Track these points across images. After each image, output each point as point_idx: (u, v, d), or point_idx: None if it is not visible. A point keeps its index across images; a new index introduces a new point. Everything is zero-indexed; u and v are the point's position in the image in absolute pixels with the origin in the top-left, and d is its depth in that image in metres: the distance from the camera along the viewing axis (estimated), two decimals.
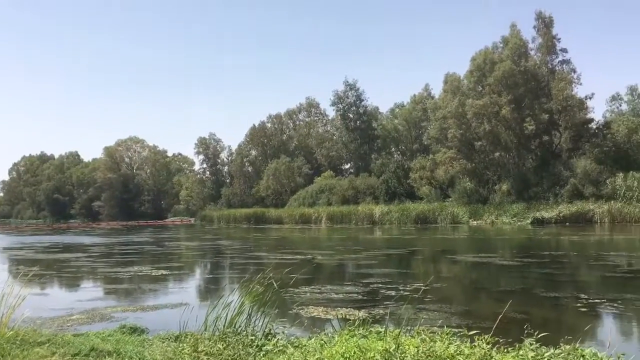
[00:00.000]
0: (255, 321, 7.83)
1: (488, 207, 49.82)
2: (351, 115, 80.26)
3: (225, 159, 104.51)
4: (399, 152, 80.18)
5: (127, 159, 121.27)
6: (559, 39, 53.63)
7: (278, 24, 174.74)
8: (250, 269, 19.07)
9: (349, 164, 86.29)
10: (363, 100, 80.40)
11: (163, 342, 7.51)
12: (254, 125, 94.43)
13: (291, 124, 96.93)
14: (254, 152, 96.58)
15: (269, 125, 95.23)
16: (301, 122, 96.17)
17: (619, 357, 5.26)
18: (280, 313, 10.90)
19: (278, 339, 6.76)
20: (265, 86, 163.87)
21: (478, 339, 5.85)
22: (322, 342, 6.52)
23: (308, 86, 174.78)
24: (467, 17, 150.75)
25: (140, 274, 19.25)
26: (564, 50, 54.01)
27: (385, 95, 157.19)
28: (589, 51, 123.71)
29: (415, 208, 53.41)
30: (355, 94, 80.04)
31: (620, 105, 74.47)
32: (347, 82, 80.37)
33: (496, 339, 6.06)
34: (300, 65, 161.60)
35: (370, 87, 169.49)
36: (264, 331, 7.34)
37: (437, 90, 71.52)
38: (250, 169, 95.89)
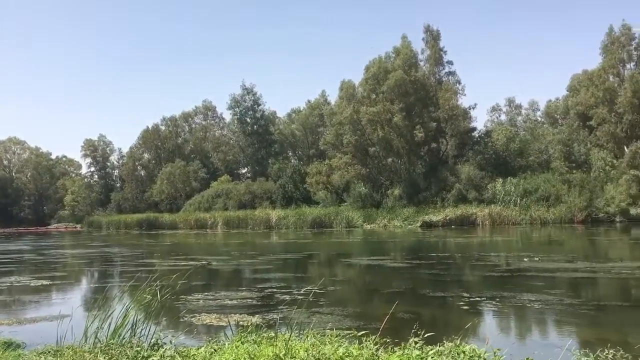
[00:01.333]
0: (141, 331, 7.48)
1: (381, 211, 51.50)
2: (248, 120, 79.86)
3: (115, 162, 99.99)
4: (295, 157, 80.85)
5: (5, 162, 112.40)
6: (445, 51, 56.84)
7: (179, 23, 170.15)
8: (140, 277, 18.29)
9: (246, 169, 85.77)
10: (260, 104, 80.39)
11: (40, 357, 6.97)
12: (148, 127, 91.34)
13: (187, 127, 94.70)
14: (147, 156, 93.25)
15: (163, 127, 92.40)
16: (197, 126, 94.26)
17: (495, 353, 5.58)
18: (171, 322, 10.53)
19: (165, 350, 6.49)
20: (159, 88, 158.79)
21: (366, 340, 5.98)
22: (212, 350, 6.35)
23: (205, 89, 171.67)
24: (363, 25, 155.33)
25: (17, 284, 17.84)
26: (450, 63, 57.33)
27: (283, 100, 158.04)
28: (472, 64, 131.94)
29: (312, 212, 54.07)
30: (252, 98, 79.80)
31: (500, 116, 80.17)
32: (245, 86, 79.99)
33: (384, 339, 6.21)
34: (197, 68, 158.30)
35: (268, 92, 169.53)
36: (151, 342, 7.03)
37: (333, 97, 73.13)
38: (142, 172, 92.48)
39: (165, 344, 6.93)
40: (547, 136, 59.19)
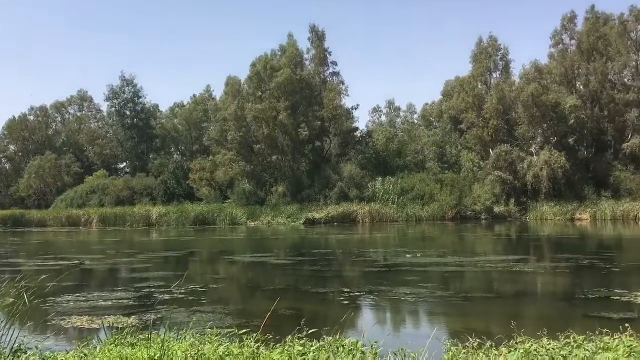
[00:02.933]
0: (2, 337, 6.87)
1: (265, 208, 51.54)
2: (128, 112, 76.29)
3: None
4: (178, 153, 78.48)
5: None
6: (330, 52, 58.03)
7: (50, 12, 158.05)
8: (3, 278, 16.81)
9: (125, 164, 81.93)
10: (141, 97, 77.09)
11: None
12: (14, 117, 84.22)
13: (59, 118, 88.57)
14: (12, 148, 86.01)
15: (31, 118, 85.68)
16: (71, 117, 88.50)
17: (372, 345, 5.79)
18: (38, 326, 9.79)
19: (29, 355, 6.01)
20: (31, 77, 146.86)
21: (247, 338, 5.94)
22: (82, 355, 5.98)
23: (81, 78, 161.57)
24: (250, 23, 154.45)
25: None
26: (335, 64, 58.62)
27: (166, 94, 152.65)
28: (355, 66, 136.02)
29: (195, 209, 52.86)
30: (132, 90, 76.30)
31: (380, 117, 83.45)
32: (124, 77, 76.26)
33: (266, 336, 6.21)
34: (72, 54, 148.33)
35: (150, 85, 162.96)
36: (13, 347, 6.47)
37: (218, 92, 71.97)
38: (7, 166, 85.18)
39: (30, 349, 6.42)
40: (423, 138, 62.57)
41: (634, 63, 49.37)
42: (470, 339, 5.99)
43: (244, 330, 6.18)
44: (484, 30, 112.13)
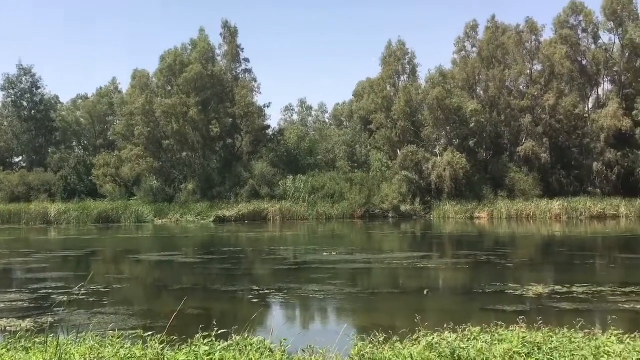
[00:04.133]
0: None
1: (174, 205, 50.17)
2: (25, 103, 71.46)
3: None
4: (80, 147, 74.59)
5: None
6: (243, 48, 57.38)
7: None
8: None
9: (21, 157, 76.71)
10: (40, 87, 72.47)
11: None
12: None
13: None
14: None
15: None
16: None
17: (281, 342, 5.81)
18: None
19: None
20: None
21: (151, 340, 5.76)
22: None
23: None
24: (157, 13, 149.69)
25: None
26: (247, 60, 58.04)
27: (68, 85, 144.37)
28: (267, 64, 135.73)
29: (98, 207, 50.42)
30: (30, 79, 71.58)
31: (292, 115, 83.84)
32: (21, 65, 71.35)
33: (172, 337, 6.05)
34: None
35: (50, 75, 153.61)
36: None
37: (125, 85, 69.17)
38: None
39: None
40: (333, 137, 63.51)
41: (528, 71, 52.75)
42: (377, 334, 6.16)
43: (149, 332, 5.98)
44: (393, 35, 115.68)
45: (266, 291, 13.48)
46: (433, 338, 5.87)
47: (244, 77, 57.75)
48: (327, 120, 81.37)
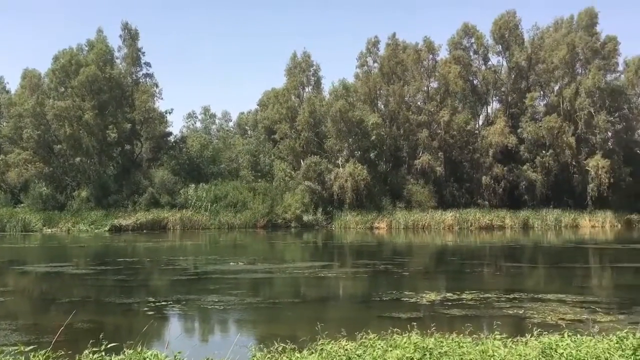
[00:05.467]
0: None
1: (65, 214, 47.33)
2: None
3: None
4: None
5: None
6: (144, 52, 55.58)
7: None
8: None
9: None
10: None
11: None
12: None
13: None
14: None
15: None
16: None
17: (175, 356, 5.65)
18: None
19: None
20: None
21: (35, 356, 5.39)
22: None
23: None
24: (47, 13, 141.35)
25: None
26: (148, 64, 56.25)
27: None
28: (170, 70, 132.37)
29: None
30: None
31: (195, 123, 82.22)
32: None
33: (59, 352, 5.71)
34: None
35: None
36: None
37: (14, 85, 64.65)
38: None
39: None
40: (237, 146, 63.00)
41: (425, 88, 55.41)
42: (275, 343, 6.17)
43: (31, 347, 5.59)
44: (298, 46, 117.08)
45: (163, 303, 13.07)
46: (331, 346, 5.98)
47: (144, 82, 55.89)
48: (231, 129, 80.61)
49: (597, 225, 48.55)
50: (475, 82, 57.57)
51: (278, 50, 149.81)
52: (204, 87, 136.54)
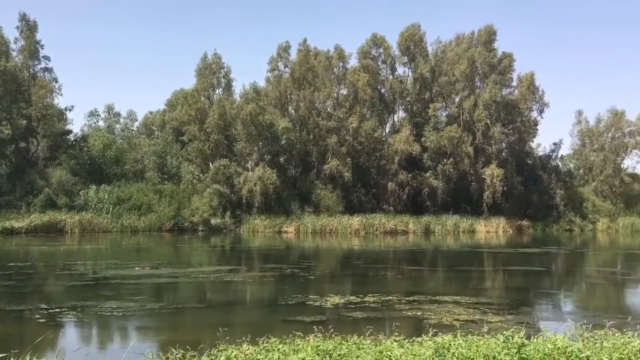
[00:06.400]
0: None
1: None
2: None
3: None
4: None
5: None
6: (43, 45, 52.42)
7: None
8: None
9: None
10: None
11: None
12: None
13: None
14: None
15: None
16: None
17: None
18: None
19: None
20: None
21: None
22: None
23: None
24: None
25: None
26: (47, 58, 53.06)
27: None
28: (72, 65, 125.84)
29: None
30: None
31: (98, 121, 78.46)
32: None
33: None
34: None
35: None
36: None
37: None
38: None
39: None
40: (143, 147, 60.85)
41: (335, 95, 56.38)
42: (174, 351, 6.07)
43: None
44: (209, 47, 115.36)
45: (57, 310, 12.41)
46: (232, 352, 5.97)
47: (43, 76, 52.69)
48: (136, 129, 77.71)
49: (491, 231, 51.56)
50: (383, 90, 59.40)
51: (189, 50, 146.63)
52: (108, 84, 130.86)
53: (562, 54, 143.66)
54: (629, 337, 6.48)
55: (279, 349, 6.06)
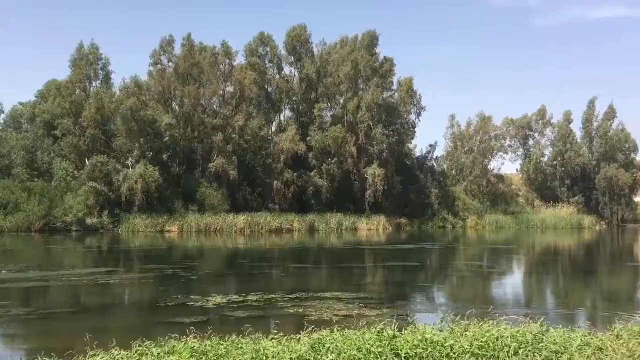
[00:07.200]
0: None
1: None
2: None
3: None
4: None
5: None
6: None
7: None
8: None
9: None
10: None
11: None
12: None
13: None
14: None
15: None
16: None
17: None
18: None
19: None
20: None
21: None
22: None
23: None
24: None
25: None
26: None
27: None
28: None
29: None
30: None
31: None
32: None
33: None
34: None
35: None
36: None
37: None
38: None
39: None
40: (10, 141, 56.09)
41: (221, 92, 55.53)
42: (40, 359, 5.73)
43: None
44: (86, 37, 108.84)
45: None
46: (102, 356, 5.74)
47: None
48: (3, 121, 71.46)
49: (372, 228, 53.57)
50: (269, 89, 59.55)
51: (64, 39, 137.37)
52: None
53: (440, 60, 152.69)
54: (488, 326, 7.06)
55: (152, 352, 5.91)
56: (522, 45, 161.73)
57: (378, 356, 5.90)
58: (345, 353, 5.92)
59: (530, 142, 78.27)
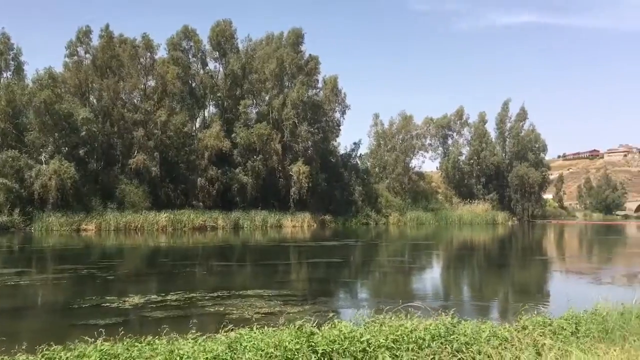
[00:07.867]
0: None
1: None
2: None
3: None
4: None
5: None
6: None
7: None
8: None
9: None
10: None
11: None
12: None
13: None
14: None
15: None
16: None
17: None
18: None
19: None
20: None
21: None
22: None
23: None
24: None
25: None
26: None
27: None
28: None
29: None
30: None
31: None
32: None
33: None
34: None
35: None
36: None
37: None
38: None
39: None
40: None
41: (142, 86, 53.87)
42: None
43: None
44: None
45: None
46: None
47: None
48: None
49: (297, 225, 53.79)
50: (193, 85, 58.39)
51: None
52: None
53: (364, 60, 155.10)
54: (402, 320, 7.27)
55: (61, 356, 5.65)
56: (441, 47, 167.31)
57: (295, 353, 5.92)
58: (262, 351, 5.91)
59: (450, 141, 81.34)
